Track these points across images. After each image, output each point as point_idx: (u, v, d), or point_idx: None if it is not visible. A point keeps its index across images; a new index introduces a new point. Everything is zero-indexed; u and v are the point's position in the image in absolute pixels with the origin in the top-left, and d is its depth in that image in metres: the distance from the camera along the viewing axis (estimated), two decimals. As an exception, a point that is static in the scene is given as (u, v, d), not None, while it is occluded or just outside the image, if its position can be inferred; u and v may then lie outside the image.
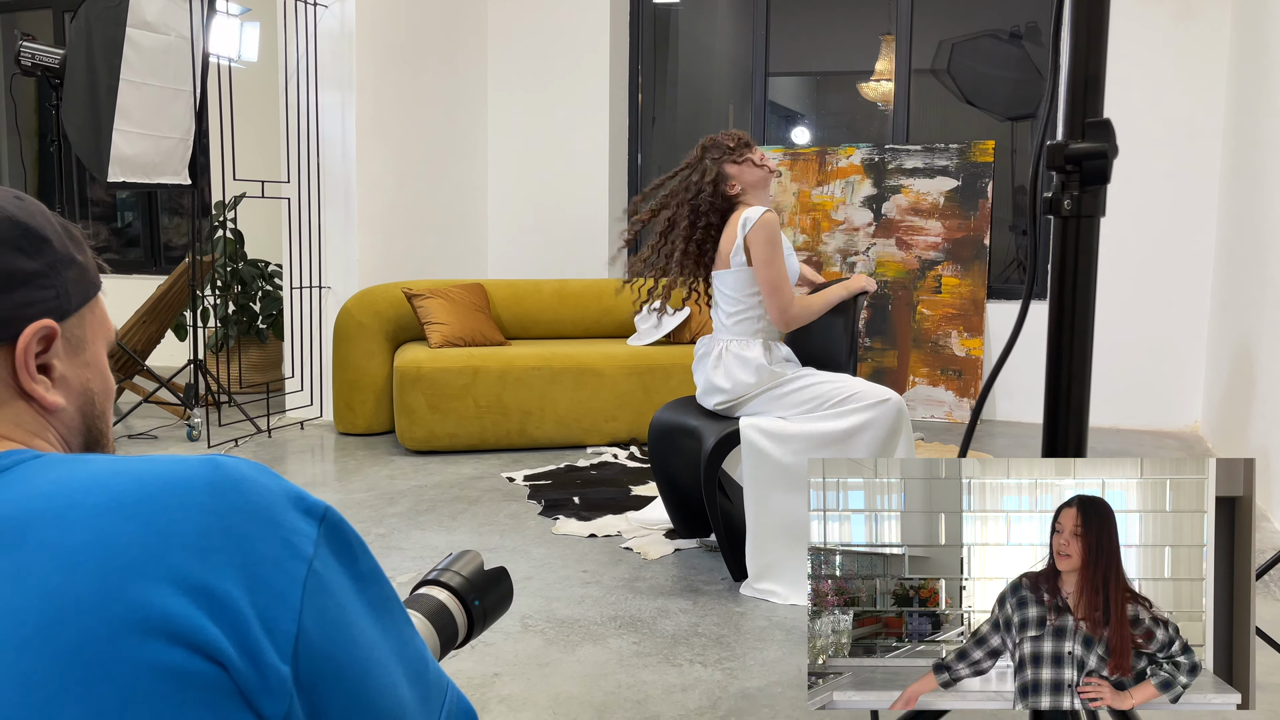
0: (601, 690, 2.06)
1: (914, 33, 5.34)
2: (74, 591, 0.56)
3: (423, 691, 0.69)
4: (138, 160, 4.02)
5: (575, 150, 5.73)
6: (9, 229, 0.70)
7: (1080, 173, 0.73)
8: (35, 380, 0.70)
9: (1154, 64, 4.74)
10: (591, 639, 2.32)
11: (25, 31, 4.49)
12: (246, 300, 5.45)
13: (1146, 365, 4.86)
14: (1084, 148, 0.72)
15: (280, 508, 0.63)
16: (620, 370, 4.32)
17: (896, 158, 5.17)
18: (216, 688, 0.56)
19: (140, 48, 3.93)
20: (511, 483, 3.74)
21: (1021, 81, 5.26)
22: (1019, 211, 5.43)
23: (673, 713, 1.96)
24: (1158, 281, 4.83)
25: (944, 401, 5.02)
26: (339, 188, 4.70)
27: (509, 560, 2.86)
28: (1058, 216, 0.75)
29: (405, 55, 5.03)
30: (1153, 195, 4.79)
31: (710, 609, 2.51)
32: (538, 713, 1.96)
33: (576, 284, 4.98)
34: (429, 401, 4.13)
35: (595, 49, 5.67)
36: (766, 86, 5.66)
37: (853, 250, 5.20)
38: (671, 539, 3.04)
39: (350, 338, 4.43)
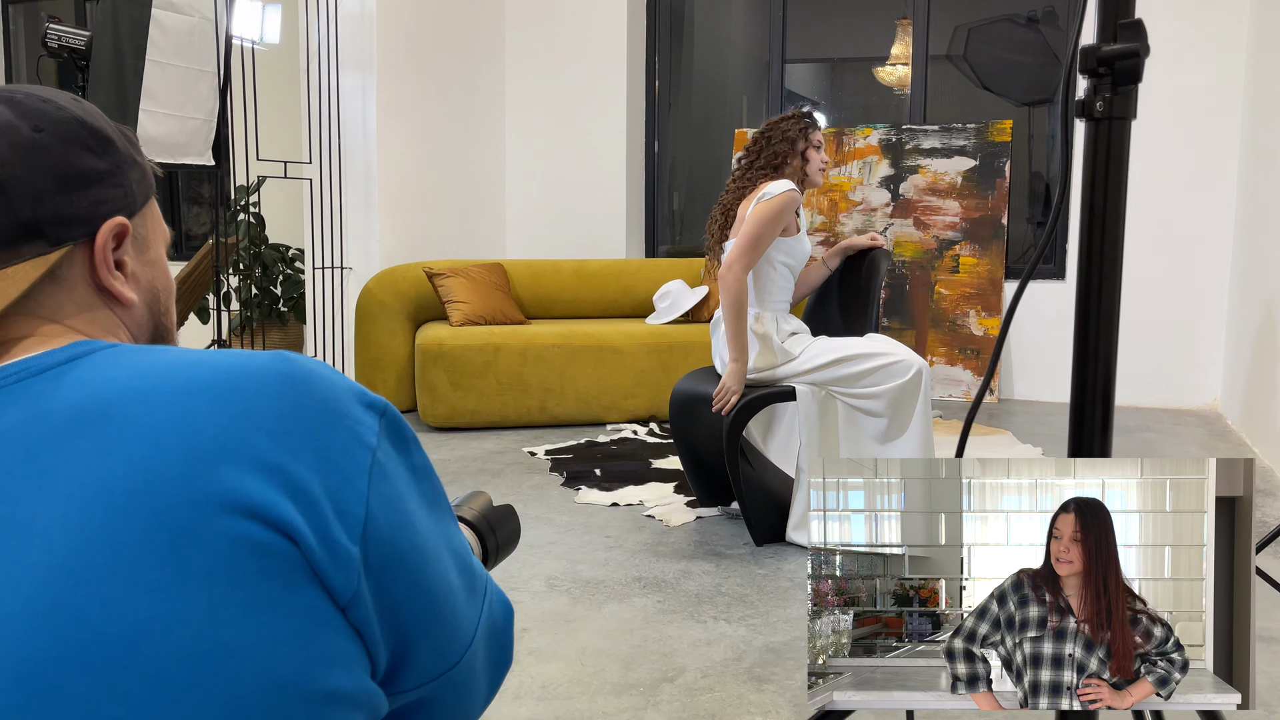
0: (628, 644, 2.09)
1: (931, 16, 5.34)
2: (160, 464, 0.59)
3: (469, 581, 0.72)
4: (163, 141, 4.07)
5: (592, 133, 5.76)
6: (77, 129, 0.71)
7: (1113, 74, 0.75)
8: (114, 276, 0.73)
9: (1174, 45, 4.73)
10: (616, 598, 2.35)
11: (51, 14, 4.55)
12: (268, 283, 5.50)
13: (1166, 343, 4.86)
14: (1117, 49, 0.74)
15: (346, 400, 0.66)
16: (639, 348, 4.35)
17: (914, 138, 5.17)
18: (291, 562, 0.59)
19: (165, 29, 3.97)
20: (533, 457, 3.78)
21: (1038, 66, 5.25)
22: (1034, 200, 5.42)
23: (699, 664, 2.00)
24: (1177, 260, 4.82)
25: (962, 380, 5.03)
26: (360, 169, 4.75)
27: (534, 527, 2.89)
28: (1090, 119, 0.77)
29: (425, 38, 5.07)
30: (1172, 174, 4.78)
31: (733, 571, 2.54)
32: (566, 664, 1.99)
33: (595, 264, 5.01)
34: (451, 379, 4.17)
35: (612, 33, 5.69)
36: (783, 73, 5.67)
37: (870, 230, 5.20)
38: (693, 508, 3.07)
39: (372, 317, 4.48)
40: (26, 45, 7.40)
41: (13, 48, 7.30)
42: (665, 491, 3.26)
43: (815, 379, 2.68)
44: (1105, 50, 0.74)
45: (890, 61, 5.75)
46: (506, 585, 2.41)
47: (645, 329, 4.45)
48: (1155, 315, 4.86)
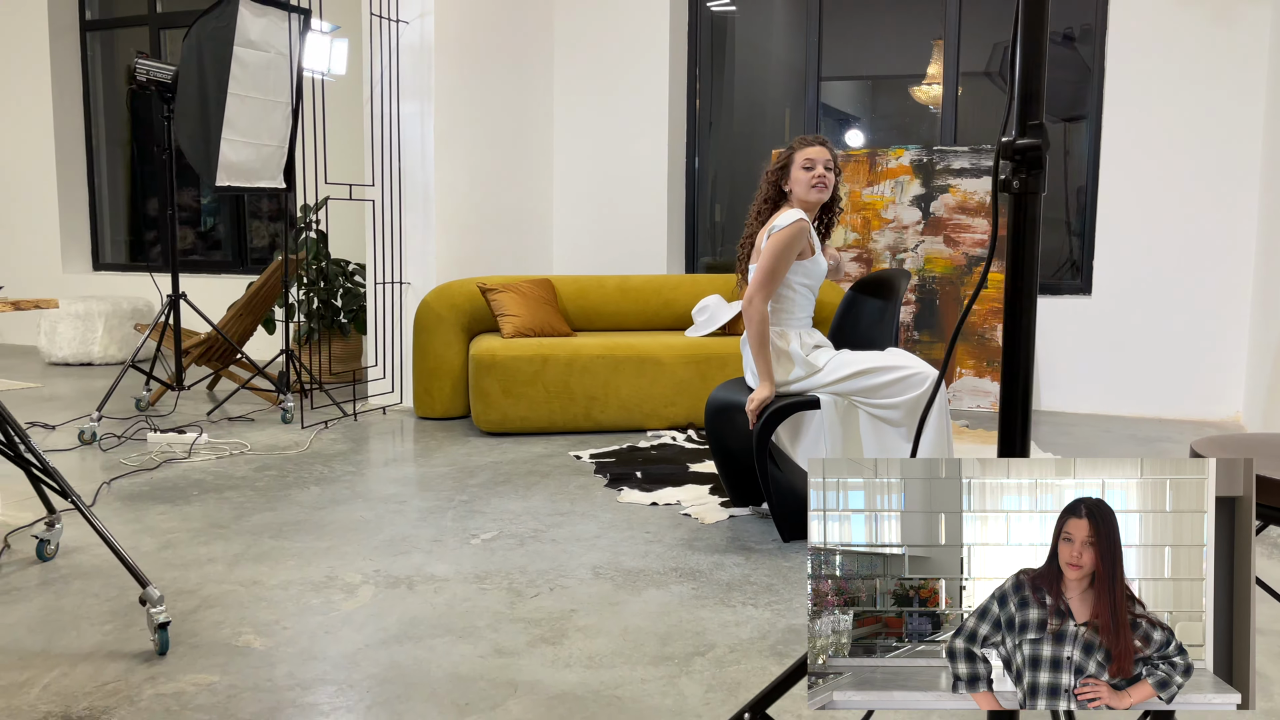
0: (665, 624, 2.35)
1: (962, 36, 5.56)
2: None
3: None
4: (242, 166, 4.43)
5: (636, 153, 6.06)
6: None
7: (1025, 161, 1.01)
8: None
9: (1194, 65, 4.91)
10: (655, 585, 2.61)
11: (140, 50, 4.93)
12: (329, 296, 5.86)
13: (1188, 356, 5.02)
14: (1025, 143, 1.00)
15: None
16: (679, 359, 4.62)
17: (944, 158, 5.39)
18: None
19: (245, 64, 4.33)
20: (579, 460, 4.06)
21: (1073, 83, 5.44)
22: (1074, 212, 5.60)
23: (728, 641, 2.25)
24: (1200, 274, 4.99)
25: (989, 392, 5.23)
26: (418, 191, 5.08)
27: (580, 523, 3.17)
28: (1010, 194, 1.03)
29: (479, 67, 5.39)
30: (1196, 191, 4.95)
31: (761, 563, 2.79)
32: (610, 639, 2.26)
33: (637, 279, 5.30)
34: (502, 387, 4.47)
35: (655, 57, 5.99)
36: (820, 90, 5.91)
37: (901, 247, 5.43)
38: (726, 507, 3.33)
39: (429, 329, 4.80)
40: (104, 76, 7.86)
41: (90, 74, 7.77)
42: (701, 493, 3.52)
43: (839, 390, 2.93)
44: (1018, 144, 1.00)
45: (926, 81, 5.97)
46: (556, 574, 2.69)
47: (684, 341, 4.71)
48: (1178, 329, 5.02)
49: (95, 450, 4.12)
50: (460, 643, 2.23)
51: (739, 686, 2.02)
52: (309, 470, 3.83)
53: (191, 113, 4.34)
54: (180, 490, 3.52)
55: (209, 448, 4.18)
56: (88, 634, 2.26)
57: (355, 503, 3.38)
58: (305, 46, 4.65)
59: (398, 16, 4.95)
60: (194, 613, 2.39)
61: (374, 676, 2.05)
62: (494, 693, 1.98)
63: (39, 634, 2.26)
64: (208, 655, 2.15)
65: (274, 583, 2.60)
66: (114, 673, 2.06)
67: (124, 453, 4.08)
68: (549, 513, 3.28)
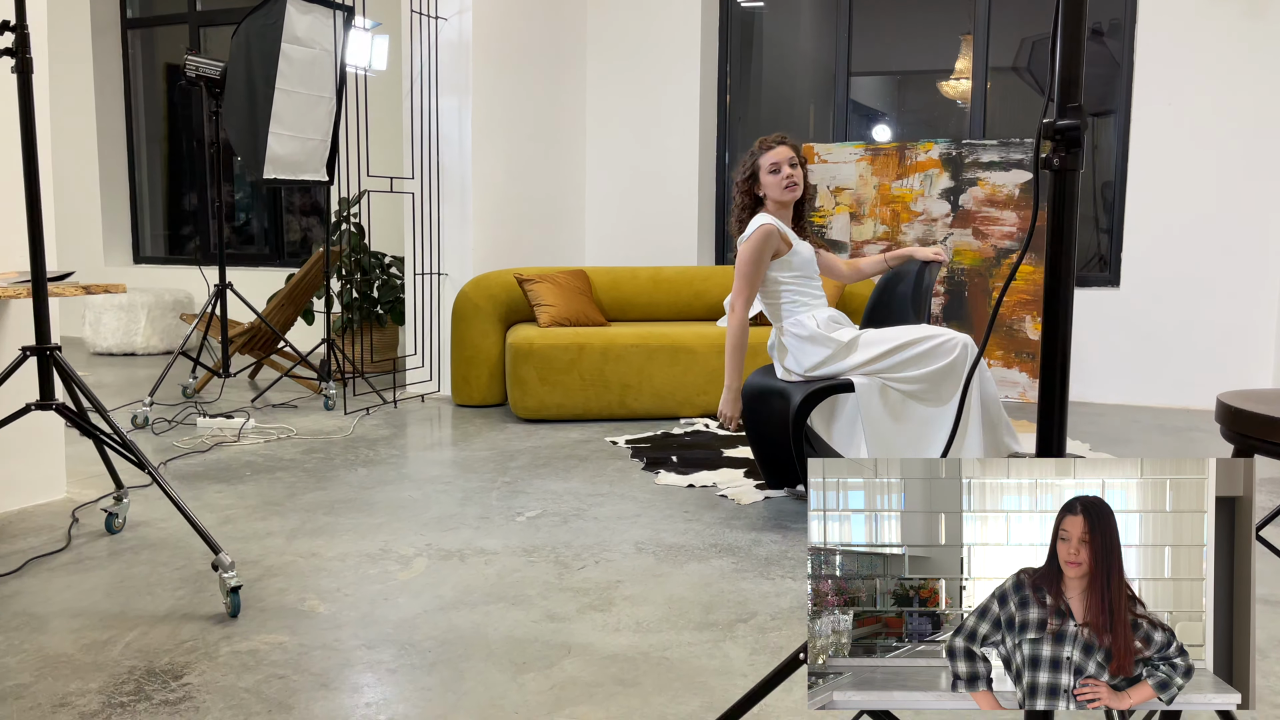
0: (708, 594, 2.45)
1: (991, 31, 5.62)
2: None
3: None
4: (287, 159, 4.56)
5: (667, 148, 6.15)
6: None
7: (1064, 141, 1.10)
8: None
9: (1225, 60, 4.95)
10: (696, 559, 2.72)
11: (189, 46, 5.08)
12: (367, 287, 6.00)
13: (1218, 346, 5.07)
14: (1066, 123, 1.09)
15: None
16: (711, 348, 4.71)
17: (973, 152, 5.45)
18: None
19: (292, 60, 4.46)
20: (615, 445, 4.16)
21: (1102, 77, 5.48)
22: (1101, 209, 5.64)
23: (768, 610, 2.35)
24: (1228, 266, 5.03)
25: (1018, 383, 5.29)
26: (456, 183, 5.20)
27: (619, 503, 3.27)
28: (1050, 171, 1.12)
29: (515, 62, 5.51)
30: (1224, 184, 4.99)
31: (797, 540, 2.89)
32: (655, 607, 2.36)
33: (669, 270, 5.39)
34: (539, 375, 4.58)
35: (686, 53, 6.08)
36: (849, 86, 5.98)
37: (931, 240, 5.50)
38: (761, 489, 3.42)
39: (467, 319, 4.92)
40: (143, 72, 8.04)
41: (132, 70, 7.95)
42: (736, 475, 3.61)
43: (870, 370, 3.02)
44: (1058, 124, 1.09)
45: (954, 75, 6.03)
46: (600, 548, 2.80)
47: (716, 331, 4.81)
48: (1208, 319, 5.07)
49: (148, 434, 4.27)
50: (513, 609, 2.34)
51: (783, 651, 2.12)
52: (355, 453, 3.96)
53: (239, 107, 4.48)
54: (233, 471, 3.66)
55: (256, 432, 4.32)
56: (162, 598, 2.39)
57: (402, 483, 3.51)
58: (348, 43, 4.78)
59: (437, 13, 5.07)
60: (259, 580, 2.51)
61: (434, 638, 2.16)
62: (549, 653, 2.09)
63: (115, 598, 2.39)
64: (276, 618, 2.27)
65: (331, 555, 2.72)
66: (190, 632, 2.18)
67: (175, 436, 4.23)
68: (589, 493, 3.39)
